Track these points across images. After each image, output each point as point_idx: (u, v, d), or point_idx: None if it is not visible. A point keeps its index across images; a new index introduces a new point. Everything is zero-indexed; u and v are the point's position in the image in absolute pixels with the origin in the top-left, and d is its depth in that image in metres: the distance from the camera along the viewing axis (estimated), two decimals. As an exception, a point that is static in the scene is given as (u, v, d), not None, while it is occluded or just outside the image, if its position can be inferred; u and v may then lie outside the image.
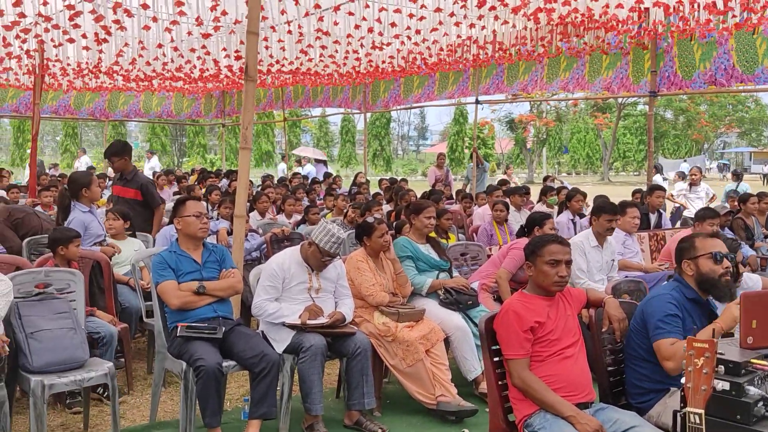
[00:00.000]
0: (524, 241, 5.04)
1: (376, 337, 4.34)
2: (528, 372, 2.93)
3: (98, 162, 26.93)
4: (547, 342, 2.98)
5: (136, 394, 4.68)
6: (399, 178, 13.58)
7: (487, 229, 6.84)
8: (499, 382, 3.07)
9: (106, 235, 5.36)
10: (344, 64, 10.31)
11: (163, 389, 4.39)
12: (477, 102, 11.54)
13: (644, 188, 9.15)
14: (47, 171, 16.57)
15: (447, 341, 4.55)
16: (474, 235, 7.36)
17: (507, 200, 7.95)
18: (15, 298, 3.70)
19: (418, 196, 10.53)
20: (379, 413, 4.34)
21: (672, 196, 11.34)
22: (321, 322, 4.05)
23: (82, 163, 18.81)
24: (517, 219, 8.02)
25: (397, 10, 7.32)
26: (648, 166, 10.26)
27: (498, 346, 3.04)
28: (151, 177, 13.09)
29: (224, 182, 12.42)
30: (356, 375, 4.07)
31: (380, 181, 12.41)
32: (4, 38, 7.03)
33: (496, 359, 3.06)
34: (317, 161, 18.16)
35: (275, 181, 12.73)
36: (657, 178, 13.21)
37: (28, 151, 11.89)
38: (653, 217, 7.65)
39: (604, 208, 5.35)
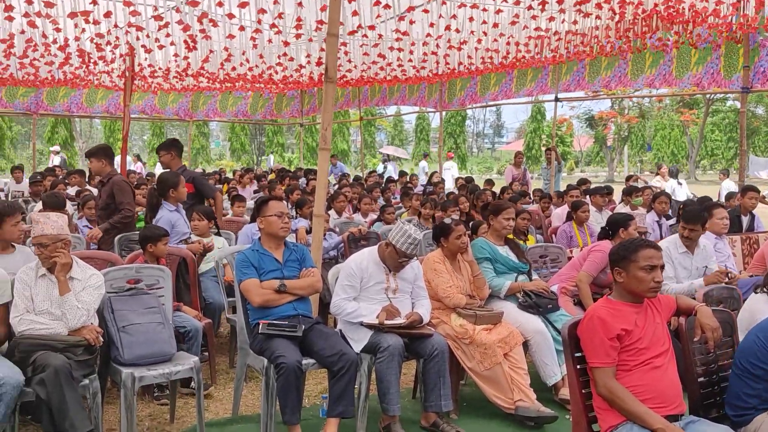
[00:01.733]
0: (606, 243, 4.89)
1: (454, 339, 4.31)
2: (614, 381, 2.83)
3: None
4: (635, 351, 2.87)
5: (219, 387, 4.83)
6: (472, 177, 13.43)
7: (566, 230, 6.66)
8: (583, 391, 2.98)
9: (191, 233, 5.55)
10: (422, 68, 10.28)
11: (245, 384, 4.51)
12: (556, 99, 11.28)
13: (733, 189, 8.70)
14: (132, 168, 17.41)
15: (526, 345, 4.46)
16: (552, 236, 7.20)
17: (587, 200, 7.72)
18: (108, 292, 3.89)
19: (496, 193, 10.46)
20: (456, 416, 4.31)
21: (766, 197, 10.74)
22: (398, 323, 4.06)
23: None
24: (597, 220, 7.78)
25: (474, 6, 7.25)
26: (740, 165, 9.74)
27: (581, 354, 2.96)
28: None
29: (302, 180, 12.66)
30: (433, 377, 4.06)
31: (456, 179, 12.32)
32: (97, 44, 7.39)
33: (579, 366, 2.97)
34: (386, 159, 18.19)
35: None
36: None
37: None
38: (745, 220, 7.26)
39: (684, 216, 5.12)
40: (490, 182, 11.97)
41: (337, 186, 10.89)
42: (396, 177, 15.19)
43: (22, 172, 13.13)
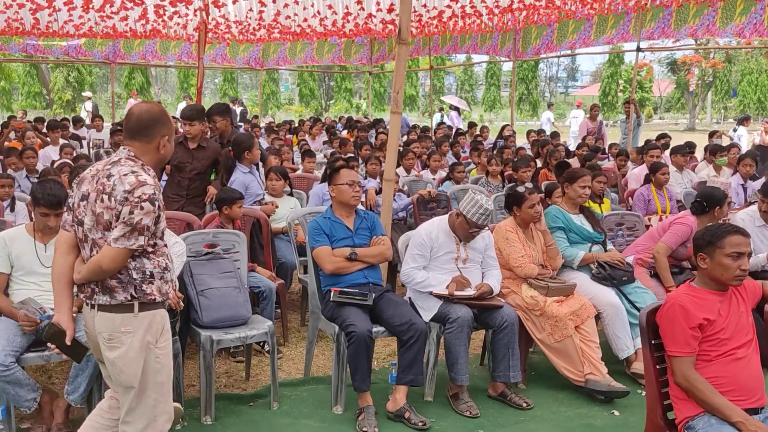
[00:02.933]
0: (691, 217, 4.69)
1: (524, 310, 4.27)
2: (693, 371, 2.75)
3: (252, 106, 28.35)
4: (717, 341, 2.77)
5: (291, 346, 4.98)
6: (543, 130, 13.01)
7: (644, 194, 6.41)
8: (660, 379, 2.91)
9: (265, 194, 5.64)
10: (496, 6, 9.88)
11: (315, 344, 4.63)
12: (638, 50, 10.70)
13: None
14: None
15: (598, 317, 4.38)
16: (629, 198, 6.95)
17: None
18: (187, 257, 4.03)
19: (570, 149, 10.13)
20: (524, 386, 4.31)
21: None
22: (468, 294, 4.05)
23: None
24: (678, 181, 7.47)
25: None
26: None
27: (659, 341, 2.88)
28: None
29: (371, 132, 12.60)
30: (502, 348, 4.05)
31: (528, 133, 12.01)
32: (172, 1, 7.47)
33: (657, 354, 2.90)
34: (453, 107, 17.77)
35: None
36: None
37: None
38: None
39: (763, 189, 4.82)
40: (555, 135, 11.58)
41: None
42: (460, 127, 14.90)
43: (102, 121, 13.60)
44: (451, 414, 3.95)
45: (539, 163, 8.02)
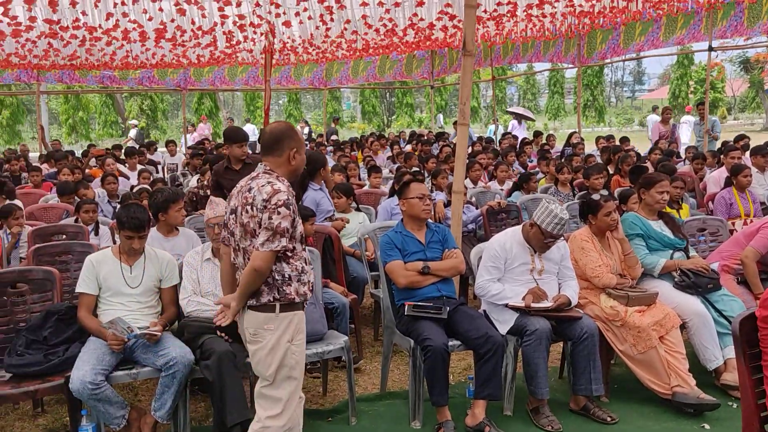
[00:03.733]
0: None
1: (603, 321, 4.14)
2: (793, 383, 2.59)
3: (316, 125, 28.81)
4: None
5: (366, 361, 4.99)
6: (611, 136, 12.67)
7: (725, 197, 6.13)
8: (756, 390, 2.76)
9: (335, 210, 5.71)
10: (563, 22, 9.76)
11: (390, 358, 4.61)
12: (710, 49, 10.32)
13: None
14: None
15: (683, 327, 4.21)
16: (709, 203, 6.67)
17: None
18: (263, 274, 4.10)
19: (640, 153, 9.81)
20: (606, 399, 4.17)
21: None
22: (545, 306, 3.96)
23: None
24: (760, 182, 7.14)
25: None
26: None
27: (753, 350, 2.73)
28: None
29: (435, 146, 12.59)
30: (582, 360, 3.95)
31: (597, 139, 11.73)
32: (240, 26, 7.70)
33: (752, 364, 2.75)
34: (517, 115, 17.45)
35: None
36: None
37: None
38: None
39: None
40: (625, 140, 11.24)
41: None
42: (525, 137, 14.64)
43: (175, 146, 14.11)
44: (531, 428, 3.87)
45: (611, 170, 7.81)
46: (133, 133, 19.95)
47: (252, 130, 18.66)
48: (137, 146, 14.27)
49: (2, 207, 5.46)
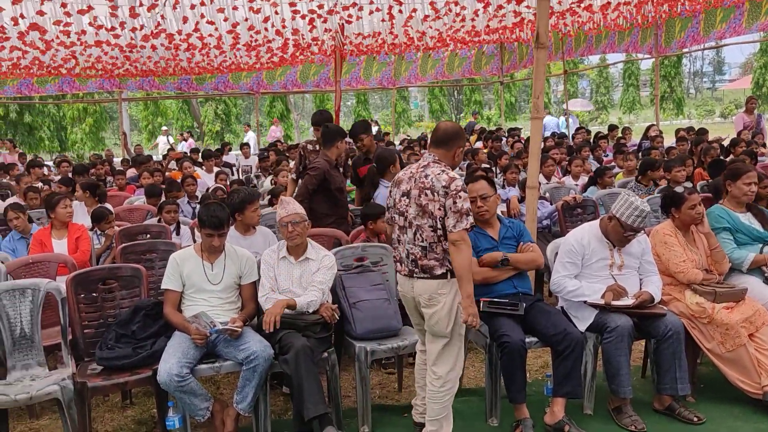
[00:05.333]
0: None
1: (689, 318, 3.99)
2: None
3: (384, 124, 28.96)
4: None
5: (440, 358, 4.97)
6: (692, 127, 12.14)
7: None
8: None
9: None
10: (639, 10, 9.43)
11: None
12: (799, 33, 9.74)
13: None
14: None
15: (775, 325, 4.00)
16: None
17: None
18: (338, 270, 4.16)
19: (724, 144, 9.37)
20: (693, 399, 4.03)
21: None
22: (626, 304, 3.84)
23: (249, 137, 19.30)
24: None
25: None
26: None
27: None
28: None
29: (504, 142, 12.44)
30: (667, 358, 3.81)
31: (676, 131, 11.28)
32: (310, 20, 7.81)
33: None
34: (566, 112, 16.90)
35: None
36: None
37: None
38: None
39: None
40: (703, 131, 10.73)
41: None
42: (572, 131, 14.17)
43: (249, 148, 14.48)
44: (613, 428, 3.77)
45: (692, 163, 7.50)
46: (164, 139, 20.81)
47: (252, 138, 18.81)
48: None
49: (97, 211, 5.73)
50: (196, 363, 3.66)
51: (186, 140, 19.67)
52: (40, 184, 8.71)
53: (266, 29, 8.65)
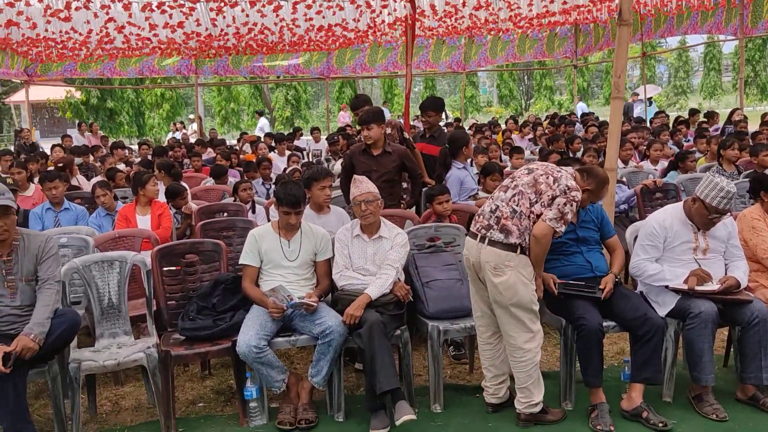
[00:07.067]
0: None
1: (777, 306, 3.81)
2: None
3: (452, 110, 28.72)
4: None
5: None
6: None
7: None
8: None
9: (479, 189, 5.67)
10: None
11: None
12: None
13: None
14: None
15: None
16: None
17: None
18: (411, 249, 4.17)
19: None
20: (780, 390, 3.85)
21: None
22: (710, 289, 3.70)
23: (259, 126, 19.02)
24: None
25: None
26: None
27: None
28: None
29: (578, 126, 12.14)
30: (753, 346, 3.66)
31: (763, 115, 10.74)
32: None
33: None
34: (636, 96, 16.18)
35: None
36: None
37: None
38: None
39: None
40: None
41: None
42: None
43: (320, 132, 14.70)
44: (694, 417, 3.65)
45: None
46: (195, 126, 21.08)
47: (265, 124, 18.65)
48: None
49: (171, 187, 5.94)
50: (273, 336, 3.75)
51: (179, 131, 19.77)
52: (122, 165, 9.09)
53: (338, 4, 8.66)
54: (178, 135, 18.37)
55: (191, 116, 23.88)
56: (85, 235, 4.76)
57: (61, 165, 7.82)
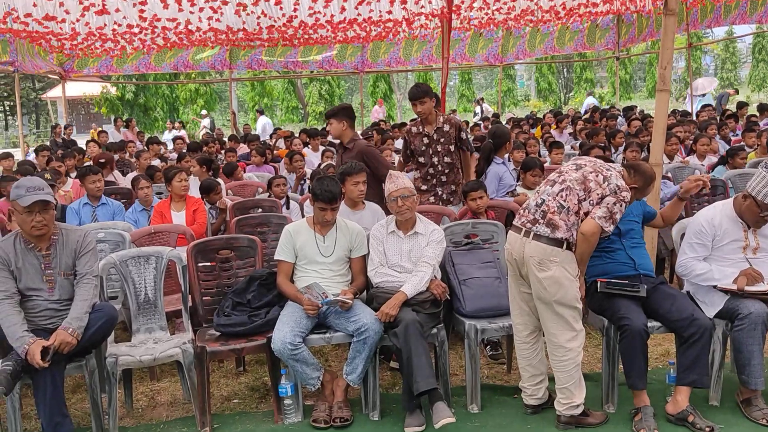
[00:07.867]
0: None
1: (834, 308, 3.62)
2: None
3: (491, 104, 28.45)
4: None
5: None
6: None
7: None
8: None
9: (518, 185, 5.55)
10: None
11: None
12: None
13: None
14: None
15: None
16: None
17: None
18: (447, 246, 4.09)
19: None
20: (834, 396, 3.66)
21: None
22: (761, 289, 3.54)
23: (260, 124, 18.44)
24: None
25: None
26: None
27: None
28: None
29: (620, 120, 11.87)
30: (807, 350, 3.49)
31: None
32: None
33: None
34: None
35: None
36: None
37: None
38: None
39: None
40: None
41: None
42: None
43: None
44: (742, 421, 3.51)
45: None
46: (206, 122, 21.22)
47: (266, 123, 18.21)
48: (213, 134, 15.26)
49: (205, 182, 5.96)
50: (308, 333, 3.71)
51: (176, 129, 19.67)
52: (157, 161, 9.18)
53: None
54: (173, 134, 17.75)
55: (204, 112, 24.13)
56: (121, 230, 4.79)
57: (102, 160, 7.93)
